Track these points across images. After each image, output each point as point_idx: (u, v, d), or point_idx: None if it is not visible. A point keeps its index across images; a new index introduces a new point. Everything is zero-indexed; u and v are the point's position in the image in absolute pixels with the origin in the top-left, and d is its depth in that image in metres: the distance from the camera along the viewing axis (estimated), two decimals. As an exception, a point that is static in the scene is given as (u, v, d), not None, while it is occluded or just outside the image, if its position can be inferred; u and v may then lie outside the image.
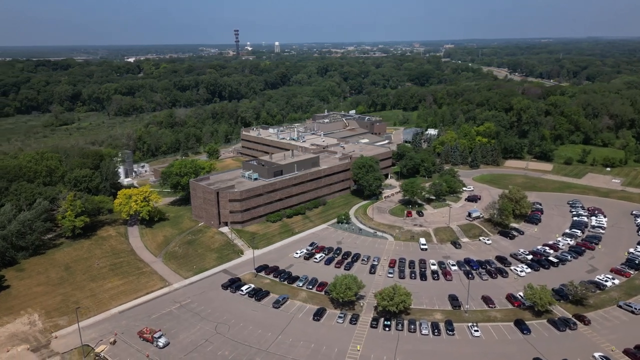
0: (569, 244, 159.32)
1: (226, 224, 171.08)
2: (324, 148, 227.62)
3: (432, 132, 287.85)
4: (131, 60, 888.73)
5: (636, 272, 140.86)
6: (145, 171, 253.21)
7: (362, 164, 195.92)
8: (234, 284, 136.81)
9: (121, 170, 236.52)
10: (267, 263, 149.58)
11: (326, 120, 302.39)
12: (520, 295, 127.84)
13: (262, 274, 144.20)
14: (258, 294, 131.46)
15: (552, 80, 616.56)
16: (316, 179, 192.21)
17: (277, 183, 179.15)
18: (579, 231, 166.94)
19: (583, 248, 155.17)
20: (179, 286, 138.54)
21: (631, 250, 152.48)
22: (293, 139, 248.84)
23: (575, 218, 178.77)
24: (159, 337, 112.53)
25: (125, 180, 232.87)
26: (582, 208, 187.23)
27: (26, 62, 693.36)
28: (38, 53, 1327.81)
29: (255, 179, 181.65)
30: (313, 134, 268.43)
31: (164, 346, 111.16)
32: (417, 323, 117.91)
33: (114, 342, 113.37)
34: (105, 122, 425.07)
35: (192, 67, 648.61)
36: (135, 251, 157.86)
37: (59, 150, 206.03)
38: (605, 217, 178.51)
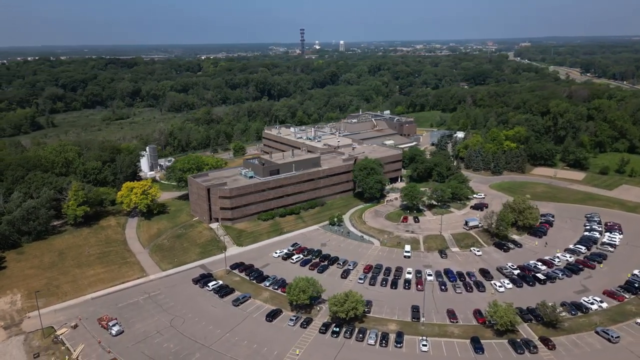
0: (567, 260, 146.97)
1: (217, 220, 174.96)
2: (334, 148, 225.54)
3: (459, 135, 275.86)
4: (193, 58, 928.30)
5: (633, 296, 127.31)
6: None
7: (363, 166, 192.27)
8: (203, 279, 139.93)
9: (145, 163, 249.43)
10: (244, 261, 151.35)
11: (354, 121, 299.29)
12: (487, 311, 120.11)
13: (236, 271, 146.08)
14: (222, 291, 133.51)
15: (625, 82, 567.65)
16: (314, 179, 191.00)
17: (271, 182, 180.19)
18: (584, 247, 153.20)
19: (581, 266, 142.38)
20: (154, 277, 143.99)
21: (636, 272, 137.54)
22: (309, 139, 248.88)
23: (585, 233, 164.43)
24: (113, 325, 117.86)
25: (148, 174, 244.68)
26: (599, 223, 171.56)
27: (98, 60, 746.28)
28: (120, 51, 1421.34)
29: (251, 177, 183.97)
30: (332, 134, 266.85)
31: (117, 334, 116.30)
32: (367, 332, 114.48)
33: (76, 326, 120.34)
34: (157, 117, 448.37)
35: (246, 66, 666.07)
36: (127, 242, 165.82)
37: (80, 143, 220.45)
38: (621, 233, 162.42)
